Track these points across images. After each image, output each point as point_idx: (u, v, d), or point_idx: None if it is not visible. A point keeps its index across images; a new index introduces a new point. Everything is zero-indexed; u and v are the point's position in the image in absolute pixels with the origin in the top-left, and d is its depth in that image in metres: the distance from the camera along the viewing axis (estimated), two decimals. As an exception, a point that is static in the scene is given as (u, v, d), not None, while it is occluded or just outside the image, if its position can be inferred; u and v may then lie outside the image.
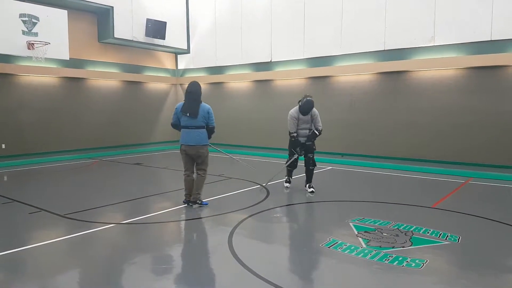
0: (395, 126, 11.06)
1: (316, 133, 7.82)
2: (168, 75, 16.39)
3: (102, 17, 13.45)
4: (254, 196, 7.50)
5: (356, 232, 5.39)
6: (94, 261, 4.60)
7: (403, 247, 4.81)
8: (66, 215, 6.24)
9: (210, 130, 6.69)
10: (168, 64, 16.45)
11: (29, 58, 10.39)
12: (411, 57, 10.64)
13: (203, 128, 6.59)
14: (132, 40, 13.83)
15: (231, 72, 14.78)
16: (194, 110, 6.54)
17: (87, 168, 11.37)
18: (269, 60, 13.55)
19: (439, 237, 5.16)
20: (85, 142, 13.59)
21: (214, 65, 15.24)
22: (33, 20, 10.13)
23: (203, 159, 6.68)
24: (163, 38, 14.47)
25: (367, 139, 11.57)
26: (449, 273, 4.24)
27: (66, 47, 10.83)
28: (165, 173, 10.66)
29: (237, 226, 5.69)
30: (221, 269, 4.35)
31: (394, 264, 4.30)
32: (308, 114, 7.74)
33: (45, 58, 10.41)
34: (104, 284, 4.01)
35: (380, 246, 4.83)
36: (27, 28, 10.02)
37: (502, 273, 4.26)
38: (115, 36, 13.27)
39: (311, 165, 7.89)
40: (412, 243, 4.95)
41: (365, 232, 5.37)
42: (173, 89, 16.63)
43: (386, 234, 5.29)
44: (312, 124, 7.86)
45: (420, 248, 4.79)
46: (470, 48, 9.80)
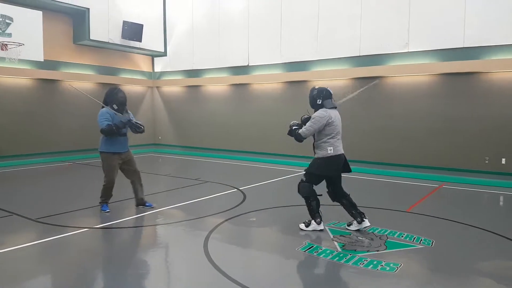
0: (370, 131, 11.19)
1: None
2: (145, 78, 16.24)
3: (78, 19, 13.24)
4: (231, 200, 7.47)
5: (332, 236, 5.42)
6: (67, 267, 4.50)
7: (378, 251, 4.86)
8: (38, 219, 6.10)
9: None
10: (145, 67, 16.30)
11: (2, 59, 10.17)
12: (386, 63, 10.81)
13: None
14: (108, 42, 13.65)
15: (208, 76, 14.73)
16: None
17: (61, 172, 11.15)
18: (246, 64, 13.56)
19: (413, 241, 5.23)
20: (59, 145, 13.33)
21: (191, 68, 15.17)
22: (7, 21, 9.92)
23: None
24: (140, 41, 14.34)
25: (342, 144, 11.63)
26: (423, 277, 4.30)
27: (41, 49, 10.65)
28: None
29: (213, 231, 5.65)
30: (196, 274, 4.31)
31: (369, 268, 4.33)
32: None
33: (19, 60, 10.20)
34: (76, 291, 3.92)
35: (355, 250, 4.87)
36: (1, 29, 9.81)
37: (475, 276, 4.34)
38: (91, 38, 13.08)
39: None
40: (387, 247, 5.00)
41: (341, 236, 5.41)
42: (149, 92, 16.47)
43: (361, 238, 5.33)
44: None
45: (395, 252, 4.85)
46: (443, 55, 10.01)
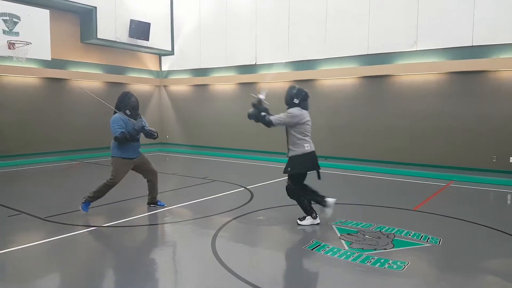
0: (378, 130, 11.16)
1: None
2: (152, 77, 16.28)
3: (85, 18, 13.30)
4: (238, 199, 7.49)
5: (339, 235, 5.42)
6: (75, 265, 4.53)
7: (385, 249, 4.85)
8: (47, 218, 6.14)
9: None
10: (152, 66, 16.34)
11: (10, 58, 10.21)
12: (394, 62, 10.76)
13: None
14: (116, 41, 13.70)
15: (216, 74, 14.74)
16: None
17: (69, 171, 11.22)
18: (254, 63, 13.56)
19: (421, 239, 5.22)
20: (67, 144, 13.40)
21: (199, 67, 15.19)
22: (14, 20, 9.96)
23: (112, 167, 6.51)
24: (147, 39, 14.36)
25: (350, 143, 11.66)
26: (430, 275, 4.29)
27: (48, 47, 10.67)
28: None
29: (221, 229, 5.67)
30: (204, 272, 4.33)
31: (376, 266, 4.33)
32: None
33: (26, 58, 10.24)
34: (85, 288, 3.95)
35: (363, 248, 4.86)
36: (8, 28, 9.85)
37: (482, 275, 4.33)
38: (98, 37, 13.12)
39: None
40: (394, 245, 4.99)
41: (348, 235, 5.40)
42: (157, 91, 16.52)
43: (369, 237, 5.32)
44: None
45: (402, 250, 4.84)
46: (452, 53, 9.95)
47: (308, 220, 5.89)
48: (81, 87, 7.43)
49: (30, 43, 10.05)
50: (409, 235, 5.38)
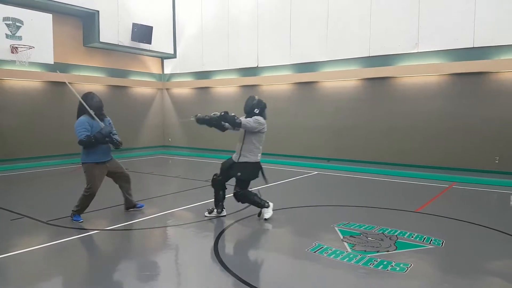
0: (380, 132, 11.16)
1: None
2: (154, 80, 16.32)
3: (88, 21, 13.34)
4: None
5: (342, 237, 5.41)
6: (78, 268, 4.54)
7: (388, 251, 4.84)
8: (49, 222, 6.15)
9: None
10: (154, 69, 16.38)
11: (13, 62, 10.25)
12: (396, 64, 10.76)
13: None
14: (118, 45, 13.74)
15: (218, 77, 14.77)
16: None
17: (71, 174, 11.24)
18: (256, 66, 13.58)
19: (423, 241, 5.21)
20: (69, 147, 13.36)
21: (201, 70, 15.22)
22: (17, 24, 10.00)
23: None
24: (149, 43, 14.40)
25: (353, 144, 11.66)
26: (433, 277, 4.28)
27: (51, 51, 10.70)
28: (150, 179, 10.59)
29: (223, 232, 5.67)
30: (207, 275, 4.33)
31: (379, 269, 4.32)
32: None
33: (29, 62, 10.28)
34: (88, 291, 3.96)
35: (365, 251, 4.86)
36: (11, 32, 9.89)
37: (485, 277, 4.31)
38: (101, 41, 13.17)
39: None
40: (397, 247, 4.98)
41: (350, 237, 5.40)
42: (159, 94, 16.55)
43: (371, 239, 5.32)
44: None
45: (405, 252, 4.83)
46: (453, 55, 9.95)
47: (268, 213, 6.23)
48: (67, 82, 7.31)
49: (33, 47, 10.08)
50: (412, 237, 5.37)
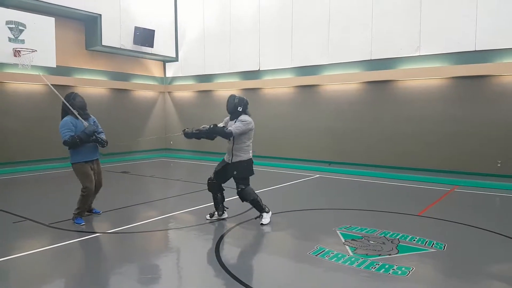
0: (382, 135, 11.15)
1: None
2: (156, 83, 16.35)
3: (90, 25, 13.40)
4: (242, 205, 7.47)
5: (343, 240, 5.41)
6: (79, 271, 4.55)
7: (390, 255, 4.84)
8: (51, 225, 6.16)
9: None
10: (156, 72, 16.42)
11: (15, 66, 10.28)
12: (397, 67, 10.77)
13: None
14: (120, 48, 13.78)
15: (220, 80, 14.80)
16: None
17: (73, 177, 11.23)
18: (258, 69, 13.61)
19: (425, 245, 5.21)
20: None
21: (203, 73, 15.25)
22: (20, 27, 10.03)
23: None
24: (151, 46, 14.45)
25: (354, 148, 11.65)
26: (435, 281, 4.28)
27: (53, 55, 10.71)
28: (152, 182, 10.60)
29: (225, 235, 5.67)
30: (208, 279, 4.33)
31: (381, 272, 4.32)
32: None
33: (32, 66, 10.29)
34: (90, 294, 3.96)
35: (367, 254, 4.86)
36: (14, 35, 9.91)
37: (487, 280, 4.30)
38: (103, 44, 13.21)
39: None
40: (399, 251, 4.98)
41: (352, 240, 5.39)
42: (161, 97, 16.59)
43: (373, 242, 5.31)
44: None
45: (406, 256, 4.83)
46: (455, 58, 9.95)
47: (267, 219, 6.27)
48: (49, 84, 7.31)
49: (36, 51, 10.10)
50: (414, 241, 5.37)
